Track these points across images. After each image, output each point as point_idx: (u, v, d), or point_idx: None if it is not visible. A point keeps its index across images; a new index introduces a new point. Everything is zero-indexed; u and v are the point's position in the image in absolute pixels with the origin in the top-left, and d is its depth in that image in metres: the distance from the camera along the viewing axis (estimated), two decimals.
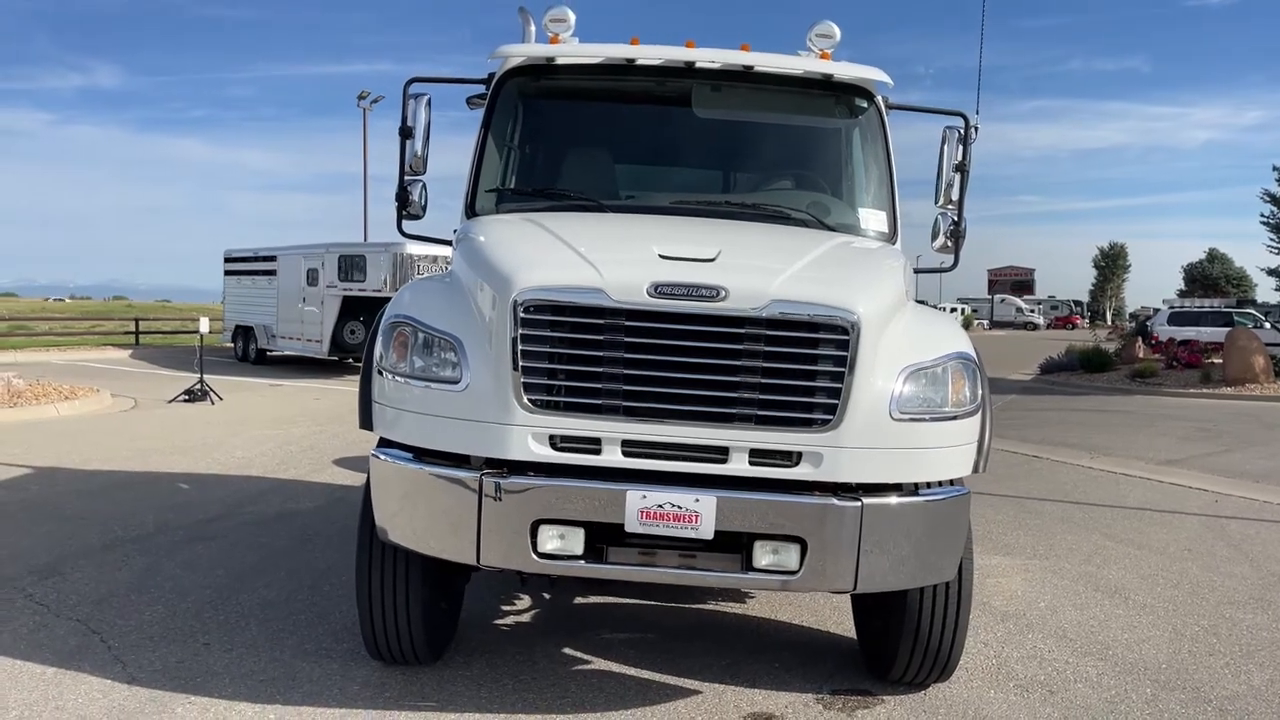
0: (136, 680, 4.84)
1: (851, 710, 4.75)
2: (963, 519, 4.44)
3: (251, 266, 27.49)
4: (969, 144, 5.76)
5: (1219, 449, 14.14)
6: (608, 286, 4.06)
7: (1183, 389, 22.62)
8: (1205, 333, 30.83)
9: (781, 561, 4.13)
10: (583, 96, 5.85)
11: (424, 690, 4.80)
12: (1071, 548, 8.15)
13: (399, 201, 5.75)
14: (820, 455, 4.11)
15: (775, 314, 4.05)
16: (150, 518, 8.17)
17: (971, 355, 4.50)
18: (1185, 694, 5.09)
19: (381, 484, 4.46)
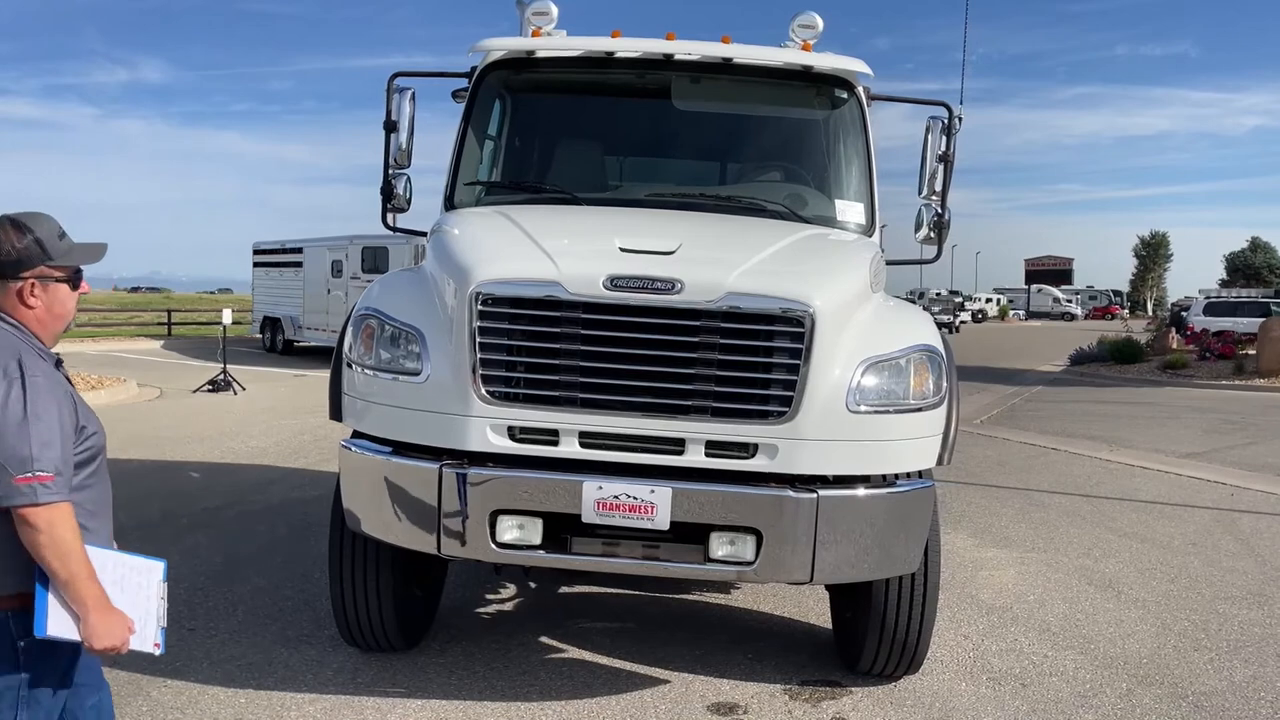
0: (118, 664, 4.91)
1: (817, 701, 4.76)
2: (926, 511, 4.43)
3: (279, 259, 27.84)
4: (953, 134, 5.71)
5: (1243, 442, 13.90)
6: (564, 279, 4.09)
7: (1214, 380, 22.24)
8: (1242, 323, 30.17)
9: (738, 552, 4.15)
10: (563, 89, 5.88)
11: (395, 677, 4.88)
12: (1072, 541, 8.07)
13: (384, 195, 5.81)
14: (776, 447, 4.12)
15: (729, 306, 4.06)
16: (157, 506, 8.34)
17: (936, 347, 4.48)
18: (1162, 689, 5.04)
19: (350, 475, 4.54)
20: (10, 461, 2.49)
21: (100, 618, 2.58)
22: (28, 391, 2.54)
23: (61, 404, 2.62)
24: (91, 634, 2.58)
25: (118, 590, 2.69)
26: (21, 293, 2.70)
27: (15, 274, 2.68)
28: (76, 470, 2.65)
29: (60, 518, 2.52)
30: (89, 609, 2.57)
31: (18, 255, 2.67)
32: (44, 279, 2.72)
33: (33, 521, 2.49)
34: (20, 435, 2.50)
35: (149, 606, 2.78)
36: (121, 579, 2.73)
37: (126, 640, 2.66)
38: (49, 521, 2.50)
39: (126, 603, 2.70)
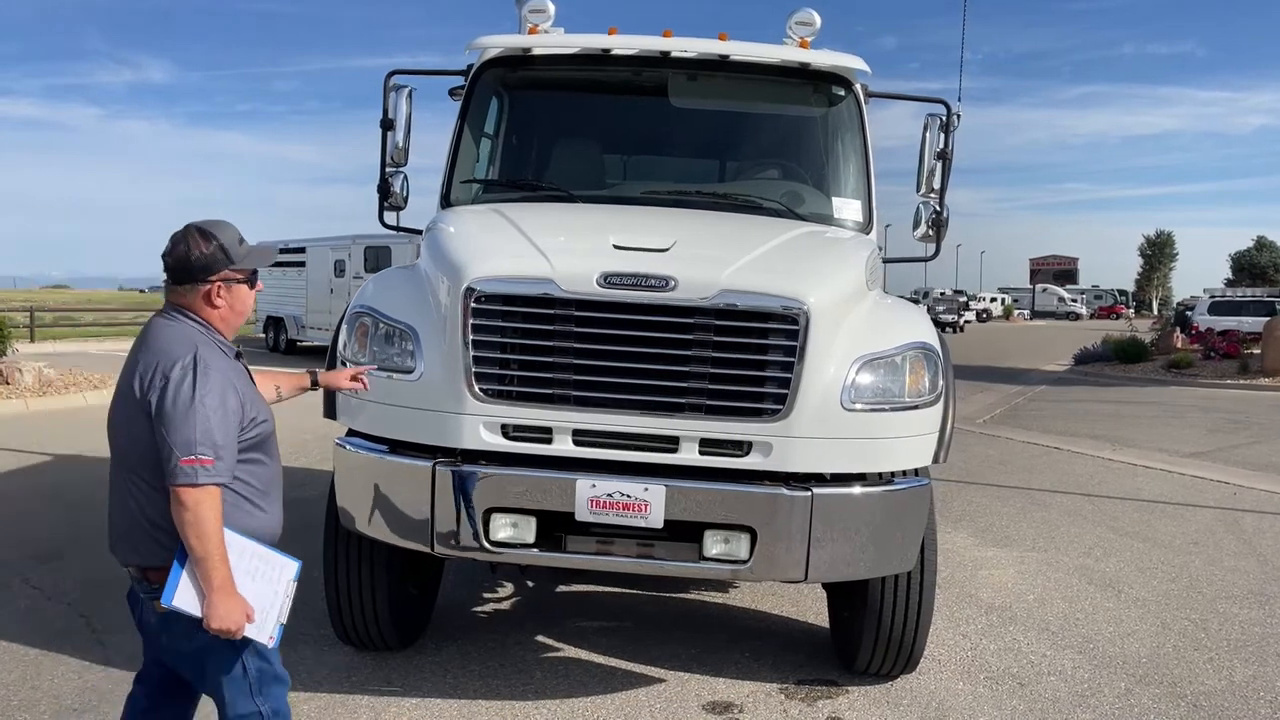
0: (113, 663, 4.96)
1: (813, 700, 4.74)
2: (922, 509, 4.41)
3: (282, 258, 27.80)
4: (951, 131, 5.70)
5: (1247, 441, 13.84)
6: (558, 276, 4.08)
7: (1218, 380, 22.14)
8: (1247, 322, 30.02)
9: (732, 551, 4.13)
10: (559, 87, 5.87)
11: (390, 676, 4.87)
12: (1073, 540, 8.04)
13: (380, 193, 5.80)
14: (770, 445, 4.10)
15: (723, 304, 4.04)
16: None
17: (932, 345, 4.46)
18: (1160, 688, 5.02)
19: (344, 473, 4.53)
20: (178, 444, 2.76)
21: (221, 599, 2.80)
22: (198, 382, 2.82)
23: (228, 394, 2.90)
24: (211, 613, 2.80)
25: (248, 579, 2.89)
26: (209, 294, 3.01)
27: (204, 278, 3.00)
28: (245, 453, 2.96)
29: (207, 499, 2.78)
30: (213, 589, 2.79)
31: (205, 260, 2.99)
32: (227, 281, 3.03)
33: (183, 500, 2.75)
34: (187, 421, 2.78)
35: (274, 600, 2.97)
36: (255, 569, 2.93)
37: (242, 626, 2.86)
38: (196, 501, 2.76)
39: (253, 592, 2.90)
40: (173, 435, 2.77)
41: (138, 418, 2.87)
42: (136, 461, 2.91)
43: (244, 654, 2.98)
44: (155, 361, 2.88)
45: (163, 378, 2.84)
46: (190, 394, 2.80)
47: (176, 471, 2.76)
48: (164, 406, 2.80)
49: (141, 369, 2.90)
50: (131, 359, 2.98)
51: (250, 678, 3.01)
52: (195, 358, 2.87)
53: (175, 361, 2.86)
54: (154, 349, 2.92)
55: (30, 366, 15.86)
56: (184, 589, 2.81)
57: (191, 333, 2.96)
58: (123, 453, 2.97)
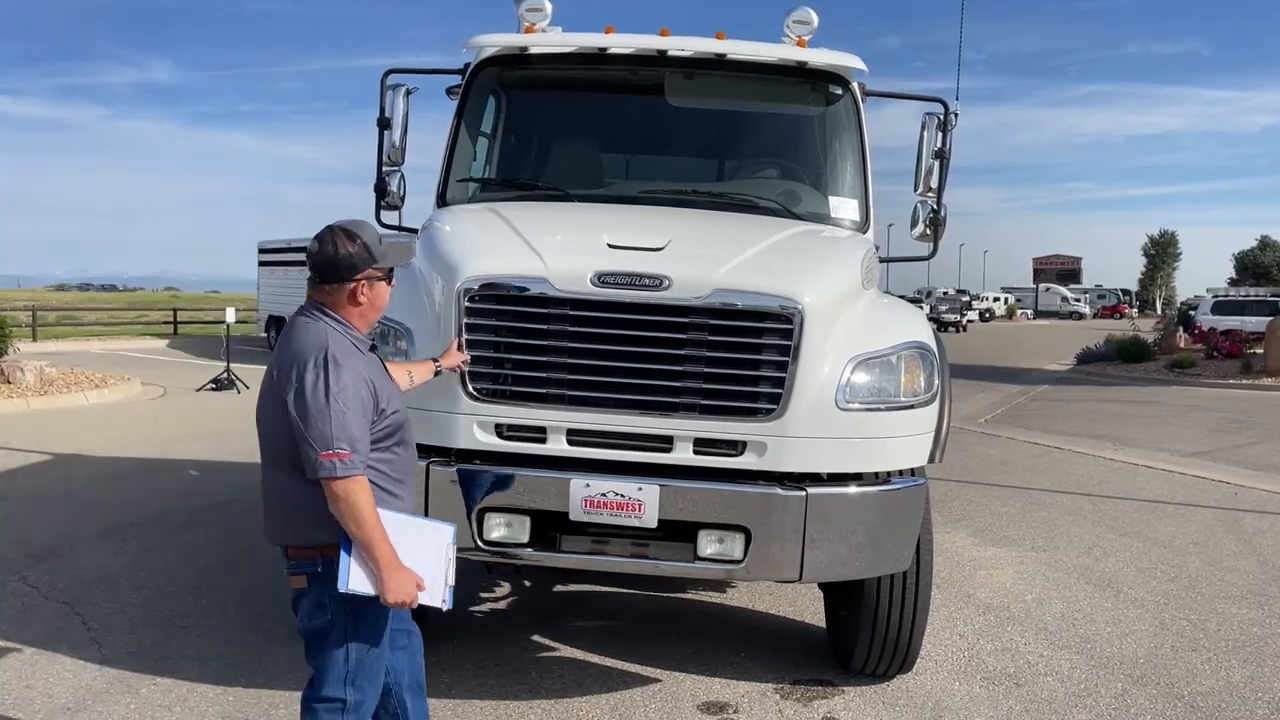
0: (108, 661, 4.96)
1: (808, 700, 4.73)
2: (917, 509, 4.40)
3: (284, 257, 27.82)
4: (949, 130, 5.67)
5: (1249, 441, 13.81)
6: (552, 275, 4.07)
7: (1221, 379, 22.10)
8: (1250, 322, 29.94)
9: (726, 550, 4.13)
10: (556, 86, 5.85)
11: None
12: (1073, 540, 8.02)
13: (377, 192, 5.79)
14: (764, 444, 4.09)
15: (718, 303, 4.03)
16: (154, 504, 8.35)
17: (928, 344, 4.44)
18: (1157, 689, 5.00)
19: None
20: (316, 440, 2.91)
21: (391, 575, 2.98)
22: (330, 379, 2.95)
23: (360, 388, 3.03)
24: (385, 590, 2.98)
25: (409, 551, 3.04)
26: (354, 292, 3.14)
27: (350, 276, 3.12)
28: (379, 443, 3.10)
29: (356, 488, 2.94)
30: (382, 568, 2.97)
31: (351, 260, 3.12)
32: (370, 279, 3.16)
33: (334, 491, 2.93)
34: (323, 417, 2.92)
35: (438, 567, 3.14)
36: (413, 541, 3.08)
37: (415, 596, 3.04)
38: (346, 490, 2.92)
39: (417, 562, 3.06)
40: (310, 431, 2.93)
41: (278, 412, 3.04)
42: (276, 451, 3.09)
43: (350, 643, 3.13)
44: (292, 360, 3.03)
45: (298, 377, 2.98)
46: (324, 392, 2.94)
47: (318, 466, 2.92)
48: (301, 405, 2.95)
49: (283, 366, 3.06)
50: (276, 356, 3.14)
51: (349, 666, 3.15)
52: (326, 356, 3.00)
53: (308, 361, 3.00)
54: (291, 348, 3.07)
55: (32, 365, 15.88)
56: (355, 573, 2.97)
57: (325, 330, 3.09)
58: (265, 442, 3.16)
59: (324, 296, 3.16)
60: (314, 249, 3.15)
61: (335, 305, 3.15)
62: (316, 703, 3.18)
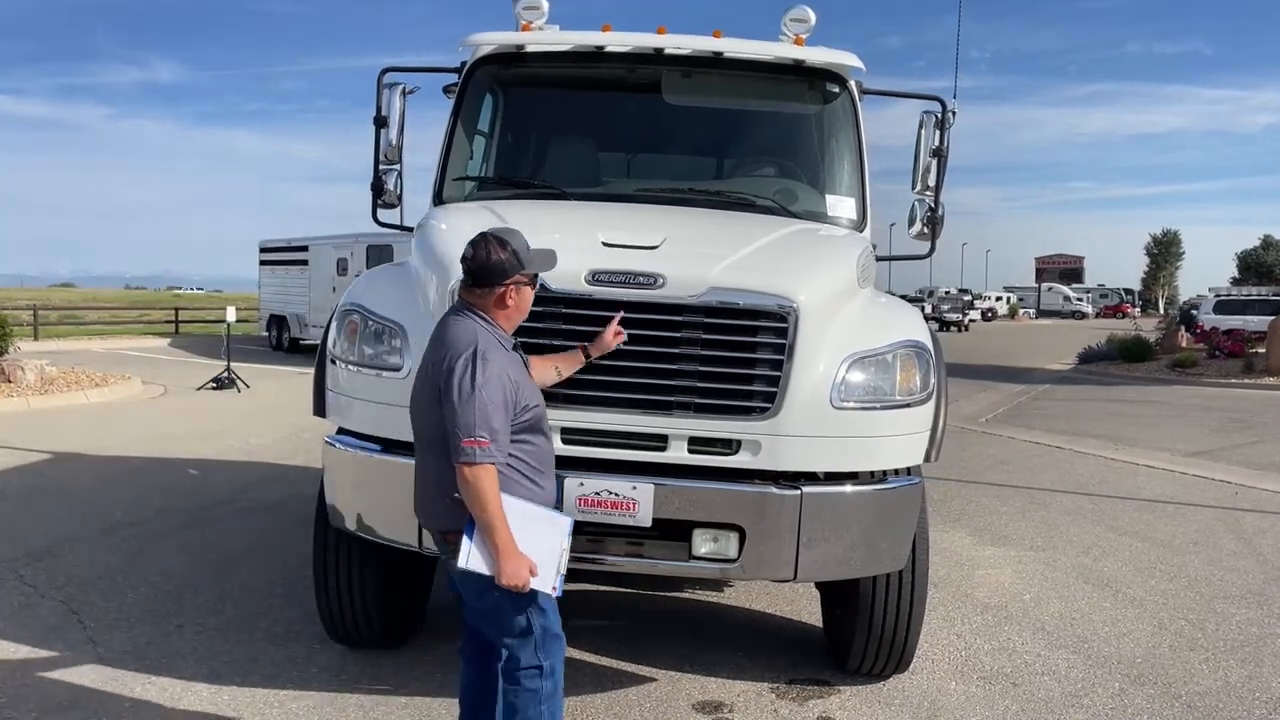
0: (104, 660, 4.96)
1: (804, 700, 4.72)
2: (913, 508, 4.38)
3: (285, 256, 27.87)
4: (946, 129, 5.66)
5: (1250, 440, 13.78)
6: (546, 273, 4.04)
7: (1223, 379, 22.07)
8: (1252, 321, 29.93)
9: (721, 549, 4.12)
10: (553, 84, 5.84)
11: (380, 674, 4.86)
12: (1072, 540, 8.01)
13: (374, 191, 5.78)
14: (759, 443, 4.08)
15: (712, 301, 4.02)
16: (153, 502, 8.35)
17: (924, 343, 4.43)
18: (1155, 689, 4.99)
19: (333, 471, 4.52)
20: (460, 426, 3.16)
21: (506, 560, 3.20)
22: (477, 373, 3.19)
23: (504, 383, 3.26)
24: (499, 572, 3.20)
25: (527, 538, 3.25)
26: (503, 296, 3.39)
27: (500, 281, 3.37)
28: (520, 434, 3.32)
29: (486, 475, 3.17)
30: (499, 551, 3.19)
31: (503, 266, 3.36)
32: (518, 284, 3.41)
33: (465, 475, 3.16)
34: (467, 406, 3.16)
35: (551, 555, 3.34)
36: (531, 529, 3.29)
37: (527, 580, 3.24)
38: (476, 477, 3.15)
39: (534, 549, 3.26)
40: (456, 419, 3.16)
41: (432, 402, 3.28)
42: (433, 438, 3.31)
43: (529, 612, 3.36)
44: (445, 353, 3.28)
45: (449, 368, 3.22)
46: (470, 384, 3.17)
47: (459, 450, 3.15)
48: (449, 393, 3.19)
49: (435, 359, 3.31)
50: (429, 350, 3.40)
51: (535, 634, 3.39)
52: (476, 351, 3.23)
53: (460, 354, 3.23)
54: (445, 342, 3.32)
55: (32, 364, 15.89)
56: (474, 553, 3.21)
57: (476, 328, 3.32)
58: (423, 431, 3.40)
59: (475, 298, 3.40)
60: (469, 254, 3.40)
61: (485, 307, 3.39)
62: (516, 672, 3.41)
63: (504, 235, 3.42)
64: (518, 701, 3.41)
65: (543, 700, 3.42)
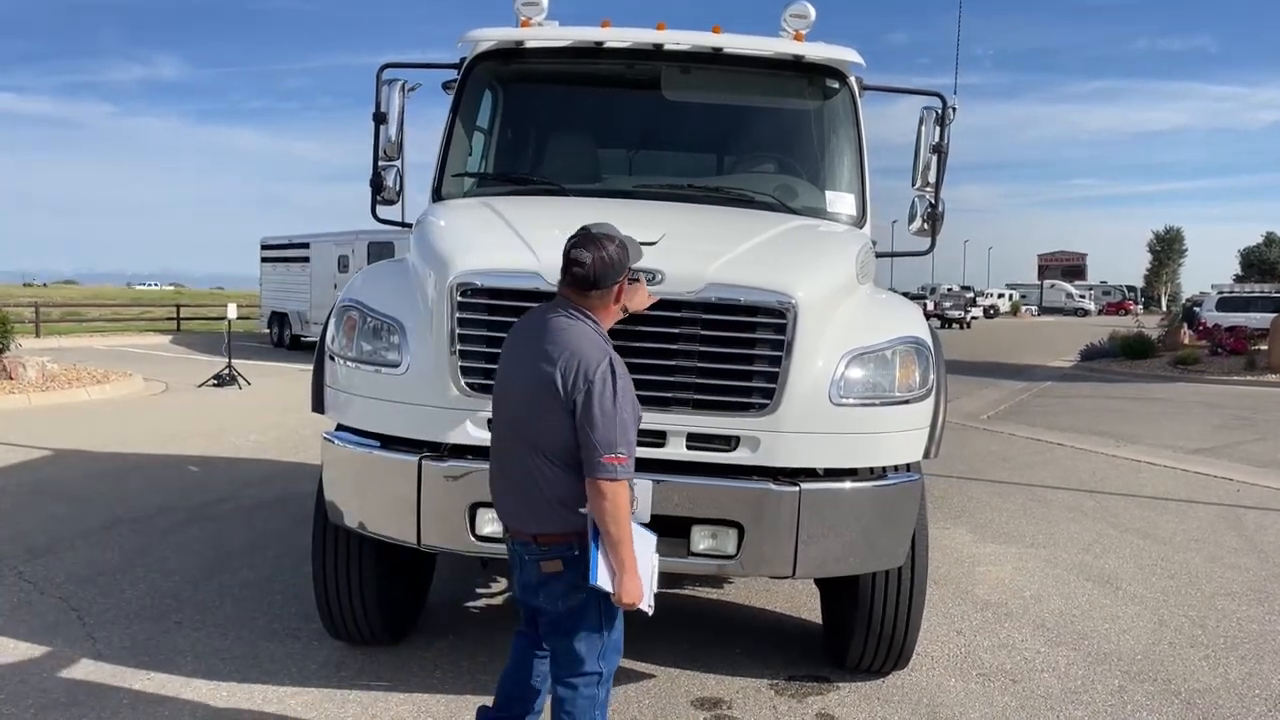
0: (103, 656, 4.96)
1: (803, 697, 4.72)
2: (912, 505, 4.37)
3: (286, 254, 27.87)
4: (946, 125, 5.65)
5: (1253, 437, 13.76)
6: (544, 270, 4.04)
7: (1225, 376, 22.02)
8: (1255, 318, 29.86)
9: (719, 546, 4.11)
10: (552, 80, 5.83)
11: (379, 670, 4.86)
12: (1073, 537, 7.99)
13: (373, 187, 5.78)
14: (758, 440, 4.07)
15: (711, 297, 4.01)
16: (153, 500, 8.35)
17: (923, 339, 4.42)
18: (1154, 685, 4.98)
19: (331, 467, 4.52)
20: (601, 444, 3.08)
21: (630, 578, 3.18)
22: (617, 389, 3.12)
23: (631, 395, 3.19)
24: (622, 590, 3.17)
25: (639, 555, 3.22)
26: (619, 293, 3.30)
27: (618, 278, 3.25)
28: None
29: (623, 491, 3.13)
30: (625, 570, 3.16)
31: (621, 261, 3.24)
32: (628, 278, 3.32)
33: (604, 491, 3.09)
34: (609, 424, 3.08)
35: (649, 572, 3.32)
36: (638, 547, 3.24)
37: (641, 599, 3.22)
38: (615, 493, 3.10)
39: (640, 567, 3.23)
40: (597, 435, 3.07)
41: (558, 411, 3.14)
42: (548, 445, 3.20)
43: (605, 621, 3.34)
44: (576, 362, 3.13)
45: (586, 381, 3.10)
46: (612, 400, 3.09)
47: (599, 467, 3.07)
48: (591, 409, 3.08)
49: (562, 367, 3.13)
50: (540, 353, 3.20)
51: (604, 642, 3.37)
52: (611, 364, 3.14)
53: (596, 366, 3.12)
54: (569, 347, 3.16)
55: (34, 361, 15.91)
56: (603, 570, 3.16)
57: (595, 335, 3.22)
58: (533, 437, 3.23)
59: (589, 301, 3.25)
60: (585, 258, 3.18)
61: (597, 309, 3.26)
62: (574, 678, 3.37)
63: (608, 230, 3.27)
64: (574, 708, 3.37)
65: (598, 706, 3.41)
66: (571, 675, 3.37)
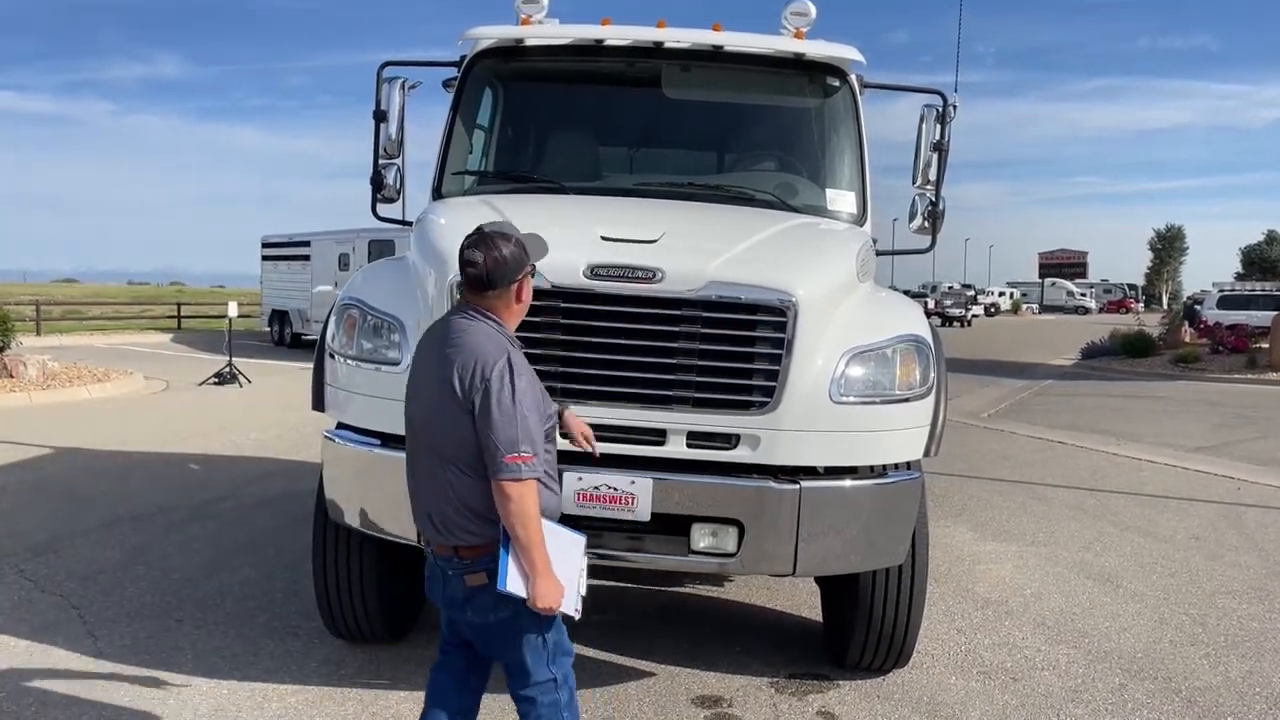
0: (103, 655, 4.96)
1: (803, 694, 4.72)
2: (912, 503, 4.37)
3: (286, 252, 27.89)
4: (947, 123, 5.64)
5: (1253, 436, 13.76)
6: (544, 267, 4.03)
7: (1226, 374, 22.01)
8: (1256, 316, 29.86)
9: (719, 544, 4.11)
10: (552, 78, 5.83)
11: (379, 669, 4.86)
12: (1073, 535, 7.99)
13: (373, 185, 5.77)
14: (758, 438, 4.07)
15: (711, 295, 4.01)
16: (153, 498, 8.35)
17: (924, 337, 4.42)
18: (1154, 684, 4.98)
19: (332, 466, 4.52)
20: (502, 443, 2.97)
21: (544, 581, 3.04)
22: (515, 385, 3.01)
23: (535, 393, 3.10)
24: (537, 594, 3.04)
25: (557, 557, 3.09)
26: (518, 292, 3.20)
27: (515, 277, 3.16)
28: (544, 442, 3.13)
29: (530, 492, 3.01)
30: (538, 573, 3.03)
31: (516, 261, 3.15)
32: (527, 276, 3.22)
33: (509, 493, 2.98)
34: (509, 422, 2.98)
35: (573, 575, 3.18)
36: (558, 548, 3.12)
37: (560, 602, 3.09)
38: (520, 494, 2.99)
39: (560, 569, 3.09)
40: (497, 435, 2.98)
41: (459, 415, 3.05)
42: (455, 452, 3.09)
43: (542, 627, 3.21)
44: (473, 362, 3.04)
45: (483, 380, 3.01)
46: (511, 397, 3.00)
47: (502, 467, 2.98)
48: (489, 408, 2.99)
49: (459, 369, 3.05)
50: (442, 358, 3.11)
51: (548, 648, 3.26)
52: (510, 361, 3.05)
53: (493, 364, 3.03)
54: (467, 349, 3.07)
55: (34, 360, 15.91)
56: (513, 574, 3.04)
57: (496, 334, 3.13)
58: (439, 445, 3.14)
59: (488, 302, 3.17)
60: (478, 258, 3.12)
61: (497, 308, 3.17)
62: (530, 690, 3.27)
63: (504, 229, 3.19)
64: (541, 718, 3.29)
65: (563, 709, 3.32)
66: (526, 688, 3.27)
